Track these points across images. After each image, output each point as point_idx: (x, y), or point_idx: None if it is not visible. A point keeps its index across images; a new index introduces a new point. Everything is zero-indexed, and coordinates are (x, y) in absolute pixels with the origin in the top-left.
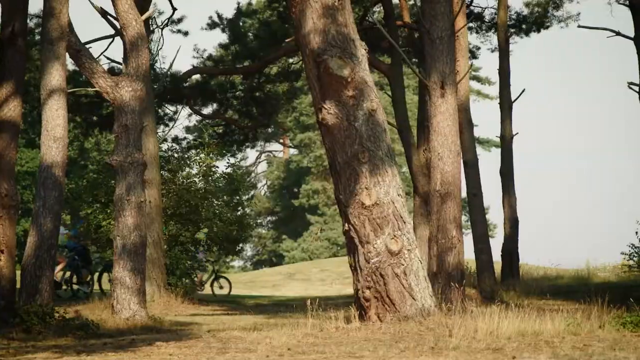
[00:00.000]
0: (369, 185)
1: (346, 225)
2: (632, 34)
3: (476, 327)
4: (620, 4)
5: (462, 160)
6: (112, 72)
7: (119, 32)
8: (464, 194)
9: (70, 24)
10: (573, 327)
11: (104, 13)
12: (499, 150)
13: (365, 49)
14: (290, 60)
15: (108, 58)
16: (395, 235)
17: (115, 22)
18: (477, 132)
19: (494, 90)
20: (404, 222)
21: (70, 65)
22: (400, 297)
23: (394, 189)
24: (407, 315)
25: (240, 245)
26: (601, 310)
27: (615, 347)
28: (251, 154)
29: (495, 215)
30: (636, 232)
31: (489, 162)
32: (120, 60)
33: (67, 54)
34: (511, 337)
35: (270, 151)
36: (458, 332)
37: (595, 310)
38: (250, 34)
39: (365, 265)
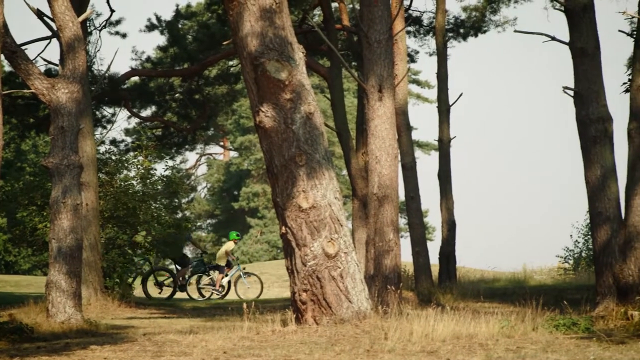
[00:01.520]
0: (306, 188)
1: (283, 228)
2: (567, 39)
3: (412, 330)
4: (556, 9)
5: (400, 164)
6: (48, 73)
7: (55, 34)
8: (402, 197)
9: (5, 25)
10: (507, 329)
11: (40, 14)
12: (437, 154)
13: (302, 52)
14: (230, 63)
15: (45, 60)
16: (332, 239)
17: (51, 23)
18: (417, 135)
19: (433, 93)
20: (341, 225)
21: (6, 66)
22: (337, 300)
23: (331, 192)
24: (344, 318)
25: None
26: (535, 313)
27: (548, 349)
28: (191, 156)
29: (434, 218)
30: (571, 235)
31: (428, 165)
32: (57, 62)
33: (2, 55)
34: (446, 339)
35: (210, 154)
36: (394, 334)
37: (529, 312)
38: (189, 36)
39: (302, 268)
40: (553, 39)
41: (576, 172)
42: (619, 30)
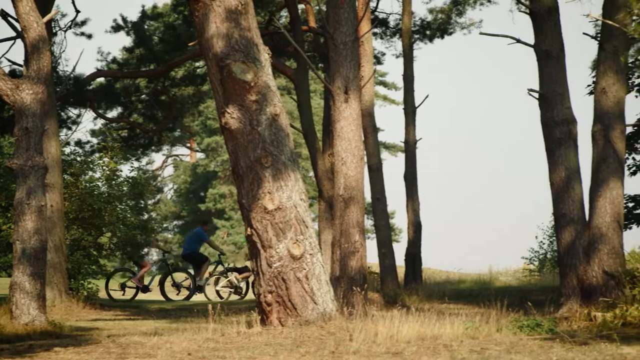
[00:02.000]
0: (272, 189)
1: (249, 229)
2: (532, 41)
3: (377, 331)
4: (521, 11)
5: (366, 165)
6: (13, 74)
7: (20, 34)
8: (368, 198)
9: None
10: (471, 330)
11: (4, 14)
12: (404, 155)
13: (268, 54)
14: (197, 64)
15: (9, 60)
16: (297, 240)
17: (16, 23)
18: (384, 137)
19: (400, 95)
20: (307, 227)
21: None
22: (302, 301)
23: (297, 193)
24: (309, 320)
25: (146, 249)
26: (500, 314)
27: (512, 350)
28: (157, 157)
29: (401, 220)
30: (536, 237)
31: (395, 166)
32: (22, 63)
33: None
34: (411, 341)
35: (177, 155)
36: (359, 336)
37: (494, 314)
38: (155, 38)
39: (267, 270)
40: (518, 41)
41: (541, 174)
42: (584, 33)
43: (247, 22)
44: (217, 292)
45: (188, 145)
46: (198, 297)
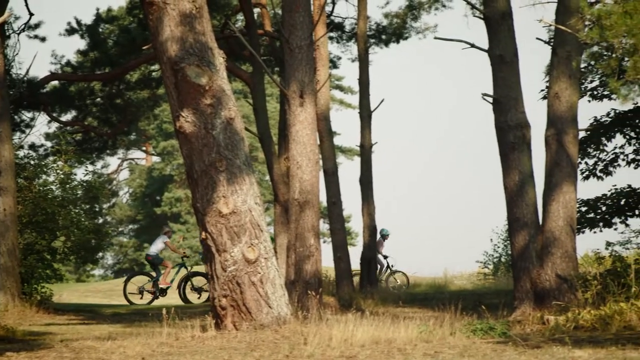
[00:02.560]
0: (227, 193)
1: (203, 233)
2: (486, 46)
3: (331, 335)
4: (476, 16)
5: (322, 169)
6: None
7: None
8: (324, 202)
9: None
10: (425, 334)
11: None
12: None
13: (223, 57)
14: (152, 68)
15: None
16: (252, 244)
17: None
18: (341, 141)
19: (356, 99)
20: (261, 231)
21: None
22: (257, 305)
23: (252, 197)
24: (263, 324)
25: (101, 253)
26: (454, 318)
27: (465, 353)
28: (113, 161)
29: (357, 223)
30: (491, 240)
31: (351, 170)
32: None
33: None
34: (365, 344)
35: (133, 159)
36: (313, 340)
37: (448, 317)
38: (110, 41)
39: (221, 274)
40: (472, 46)
41: (496, 178)
42: (537, 38)
43: (201, 25)
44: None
45: (144, 148)
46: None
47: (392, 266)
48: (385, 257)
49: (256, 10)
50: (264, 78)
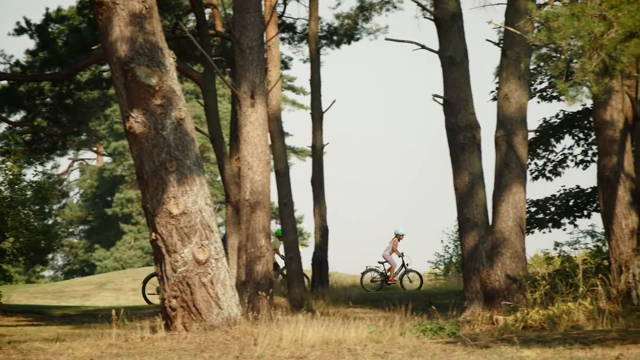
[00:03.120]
0: (177, 194)
1: (153, 234)
2: (437, 47)
3: (281, 336)
4: (426, 18)
5: (273, 170)
6: None
7: None
8: (276, 203)
9: None
10: (375, 334)
11: None
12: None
13: (173, 58)
14: (103, 68)
15: None
16: (202, 245)
17: None
18: (293, 142)
19: (308, 100)
20: (212, 231)
21: None
22: (207, 306)
23: (202, 198)
24: (214, 325)
25: (50, 254)
26: (404, 318)
27: (414, 354)
28: (63, 161)
29: (309, 224)
30: (441, 241)
31: (304, 171)
32: None
33: None
34: (315, 345)
35: (83, 159)
36: (263, 340)
37: (398, 318)
38: (60, 41)
39: (172, 275)
40: (423, 47)
41: (446, 179)
42: (487, 40)
43: (151, 26)
44: None
45: (94, 149)
46: None
47: (407, 264)
48: (401, 255)
49: (207, 10)
50: (215, 78)
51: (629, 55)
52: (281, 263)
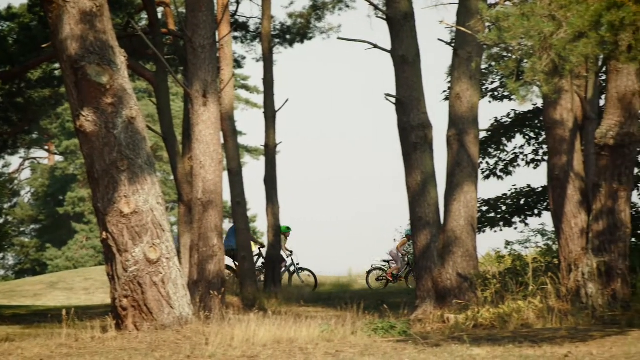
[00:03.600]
0: (128, 193)
1: (104, 233)
2: (389, 47)
3: (233, 335)
4: (379, 17)
5: (226, 169)
6: None
7: None
8: (229, 202)
9: None
10: (327, 333)
11: None
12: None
13: (124, 56)
14: (54, 66)
15: None
16: (154, 244)
17: None
18: (247, 141)
19: (262, 99)
20: (163, 231)
21: None
22: (158, 305)
23: (154, 197)
24: (165, 324)
25: (1, 254)
26: (356, 317)
27: (366, 352)
28: (14, 160)
29: (263, 223)
30: (394, 239)
31: (258, 170)
32: None
33: None
34: (267, 344)
35: (35, 158)
36: (215, 340)
37: (350, 316)
38: (10, 39)
39: (123, 274)
40: (375, 46)
41: (399, 178)
42: (439, 39)
43: (102, 24)
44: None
45: (46, 147)
46: None
47: (411, 264)
48: (404, 254)
49: (160, 9)
50: (167, 77)
51: (578, 55)
52: (288, 260)
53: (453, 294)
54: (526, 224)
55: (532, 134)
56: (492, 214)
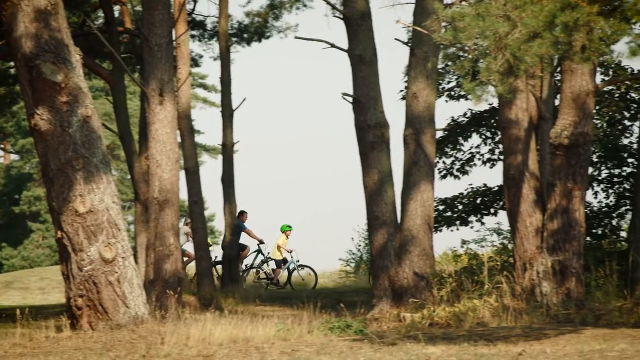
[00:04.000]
0: (83, 192)
1: (59, 232)
2: (347, 46)
3: (189, 334)
4: (336, 16)
5: (183, 168)
6: None
7: None
8: (187, 201)
9: None
10: (283, 332)
11: None
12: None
13: (80, 55)
14: (9, 64)
15: None
16: (109, 243)
17: None
18: (205, 140)
19: (220, 97)
20: (119, 230)
21: None
22: (114, 305)
23: (109, 196)
24: (120, 324)
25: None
26: (313, 316)
27: (322, 351)
28: None
29: (221, 222)
30: (352, 239)
31: (216, 169)
32: None
33: None
34: (223, 343)
35: None
36: (170, 339)
37: (306, 315)
38: None
39: (78, 274)
40: (332, 46)
41: (357, 177)
42: (396, 39)
43: (57, 22)
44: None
45: (2, 146)
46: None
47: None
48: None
49: (116, 7)
50: (124, 76)
51: (532, 56)
52: (288, 257)
53: (409, 293)
54: (482, 223)
55: (488, 134)
56: (449, 213)
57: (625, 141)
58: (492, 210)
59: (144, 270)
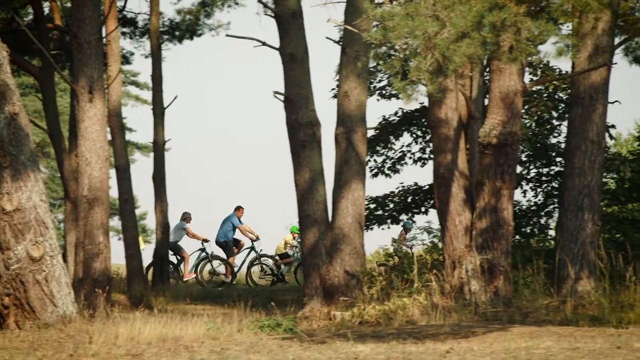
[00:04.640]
0: (11, 190)
1: None
2: (278, 45)
3: (117, 333)
4: (267, 15)
5: (114, 166)
6: None
7: None
8: (119, 200)
9: None
10: (213, 331)
11: None
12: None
13: (7, 51)
14: None
15: None
16: (37, 242)
17: None
18: (136, 137)
19: (151, 95)
20: (47, 228)
21: None
22: (41, 304)
23: (37, 194)
24: (48, 323)
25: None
26: (243, 315)
27: (251, 350)
28: None
29: (153, 221)
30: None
31: (148, 167)
32: None
33: None
34: (152, 342)
35: None
36: (98, 338)
37: (237, 314)
38: None
39: (4, 272)
40: (264, 44)
41: (289, 175)
42: (327, 37)
43: None
44: (251, 278)
45: None
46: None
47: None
48: (411, 247)
49: (46, 3)
50: (53, 73)
51: (461, 55)
52: (293, 257)
53: (340, 291)
54: (413, 222)
55: (419, 133)
56: (380, 212)
57: (554, 140)
58: (422, 209)
59: (73, 269)
